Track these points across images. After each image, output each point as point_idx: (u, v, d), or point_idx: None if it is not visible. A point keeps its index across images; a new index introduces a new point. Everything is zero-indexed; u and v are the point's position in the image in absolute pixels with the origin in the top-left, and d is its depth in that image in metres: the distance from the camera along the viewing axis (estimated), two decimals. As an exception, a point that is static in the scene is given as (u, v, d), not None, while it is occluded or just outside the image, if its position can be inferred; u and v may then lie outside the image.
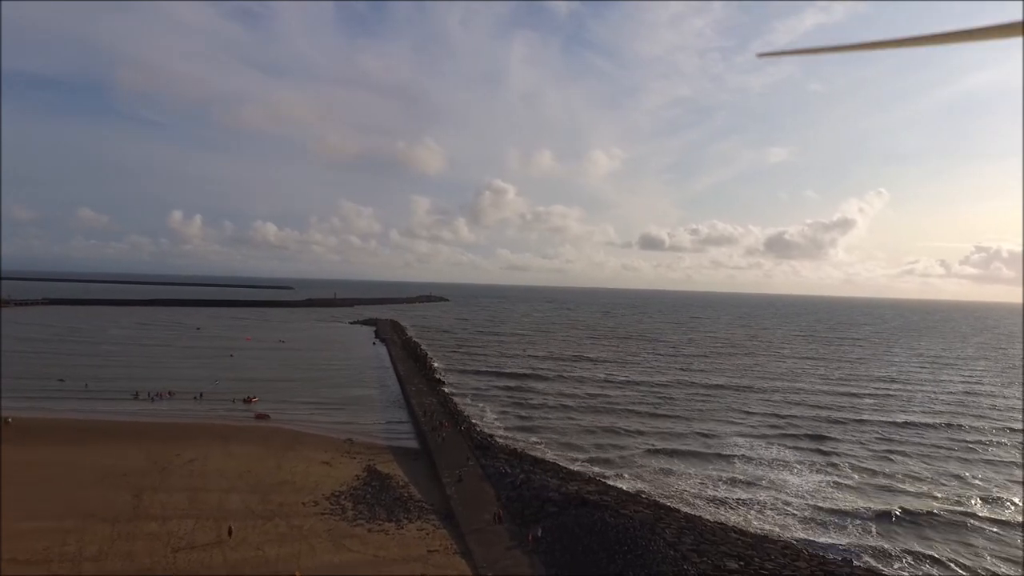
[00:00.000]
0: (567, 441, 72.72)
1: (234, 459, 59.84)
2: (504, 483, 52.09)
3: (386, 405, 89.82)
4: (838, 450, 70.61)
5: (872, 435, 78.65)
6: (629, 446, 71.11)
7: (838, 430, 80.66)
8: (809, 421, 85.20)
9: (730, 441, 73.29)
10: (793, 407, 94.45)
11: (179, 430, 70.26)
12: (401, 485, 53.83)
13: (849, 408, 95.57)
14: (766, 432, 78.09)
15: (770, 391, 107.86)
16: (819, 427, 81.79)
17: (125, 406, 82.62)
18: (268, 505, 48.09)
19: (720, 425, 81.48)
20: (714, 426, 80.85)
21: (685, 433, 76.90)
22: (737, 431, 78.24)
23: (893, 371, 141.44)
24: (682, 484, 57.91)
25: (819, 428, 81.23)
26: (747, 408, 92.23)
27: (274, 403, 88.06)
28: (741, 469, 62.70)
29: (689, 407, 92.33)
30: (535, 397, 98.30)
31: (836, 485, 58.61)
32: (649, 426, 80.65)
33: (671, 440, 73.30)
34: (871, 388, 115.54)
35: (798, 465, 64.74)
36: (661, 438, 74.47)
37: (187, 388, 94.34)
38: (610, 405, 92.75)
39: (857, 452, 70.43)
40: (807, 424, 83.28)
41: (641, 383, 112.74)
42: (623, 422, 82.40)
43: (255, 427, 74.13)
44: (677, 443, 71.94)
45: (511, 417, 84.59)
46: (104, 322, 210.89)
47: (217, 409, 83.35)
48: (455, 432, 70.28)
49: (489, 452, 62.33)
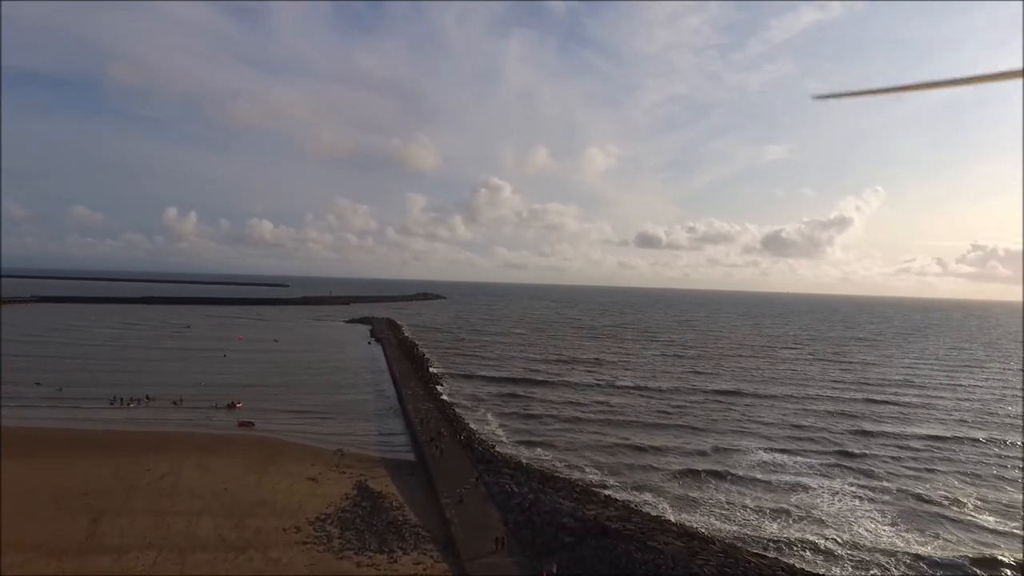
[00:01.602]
0: (575, 453, 66.89)
1: (210, 474, 54.06)
2: (511, 505, 46.44)
3: (380, 411, 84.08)
4: (870, 469, 63.90)
5: (901, 450, 72.21)
6: (643, 461, 64.91)
7: (863, 443, 74.40)
8: (831, 433, 78.86)
9: (753, 458, 66.64)
10: (811, 416, 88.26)
11: (153, 440, 64.41)
12: (395, 506, 48.13)
13: (870, 417, 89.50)
14: (788, 447, 71.60)
15: (783, 398, 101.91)
16: (843, 441, 75.45)
17: (99, 413, 76.64)
18: (243, 532, 42.35)
19: (738, 438, 75.25)
20: (732, 439, 74.50)
21: (704, 448, 70.18)
22: (758, 445, 71.68)
23: (907, 374, 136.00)
24: (708, 508, 51.95)
25: (843, 442, 74.79)
26: (763, 418, 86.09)
27: (260, 408, 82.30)
28: (771, 491, 56.31)
29: (702, 416, 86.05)
30: (538, 403, 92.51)
31: (877, 514, 51.54)
32: (662, 438, 74.52)
33: (691, 458, 66.35)
34: (888, 394, 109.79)
35: (831, 488, 57.82)
36: (678, 453, 68.22)
37: (169, 392, 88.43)
38: (618, 413, 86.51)
39: (891, 471, 63.73)
40: (830, 437, 77.03)
41: (648, 388, 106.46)
42: (633, 433, 76.27)
43: (237, 436, 68.32)
44: (698, 461, 65.05)
45: (513, 425, 78.86)
46: (91, 321, 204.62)
47: (198, 416, 77.50)
48: (454, 442, 64.66)
49: (492, 466, 56.67)
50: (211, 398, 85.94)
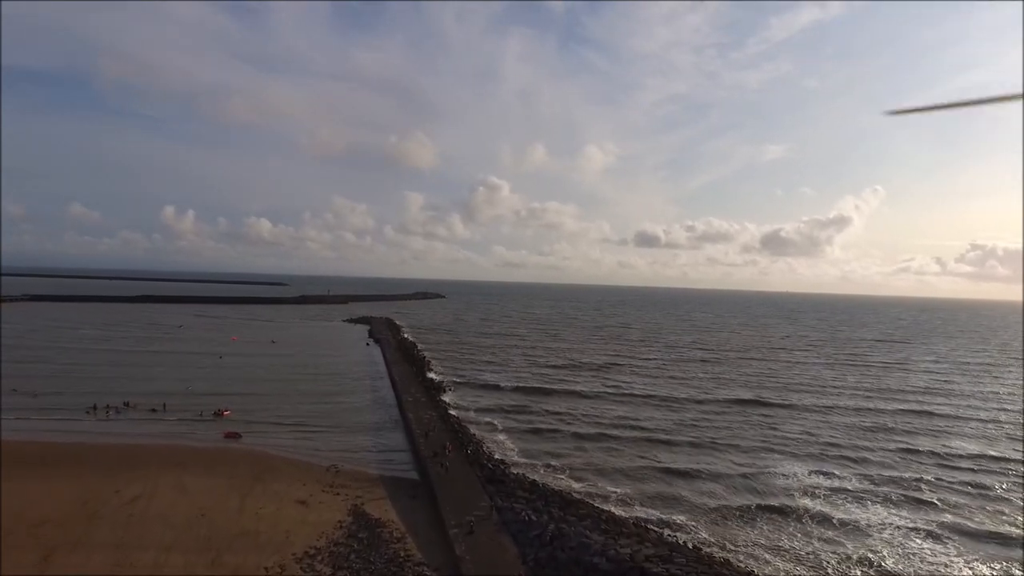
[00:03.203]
0: (594, 471, 60.49)
1: (187, 497, 48.00)
2: (529, 537, 40.42)
3: (379, 421, 77.94)
4: (927, 498, 56.22)
5: (950, 471, 64.74)
6: (670, 482, 58.42)
7: (907, 464, 66.78)
8: (869, 451, 71.13)
9: (790, 482, 59.30)
10: (841, 431, 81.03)
11: (128, 455, 58.27)
12: (396, 537, 42.10)
13: (904, 431, 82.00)
14: (826, 468, 64.21)
15: (806, 408, 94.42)
16: (884, 459, 68.03)
17: (72, 423, 70.42)
18: (219, 572, 36.35)
19: (767, 456, 67.73)
20: (761, 458, 67.10)
21: (734, 469, 63.02)
22: (792, 466, 64.03)
23: (929, 380, 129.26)
24: (755, 543, 45.57)
25: (885, 460, 67.44)
26: (789, 432, 79.02)
27: (250, 417, 76.31)
28: (823, 525, 49.13)
29: (725, 430, 78.94)
30: (547, 414, 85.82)
31: (957, 558, 44.58)
32: (687, 456, 67.77)
33: (723, 481, 59.25)
34: (916, 402, 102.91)
35: (888, 521, 50.99)
36: (708, 475, 61.18)
37: (153, 399, 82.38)
38: (635, 427, 79.49)
39: (952, 500, 55.86)
40: (870, 456, 69.13)
41: (662, 397, 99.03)
42: (654, 450, 69.75)
43: (221, 450, 62.17)
44: (731, 485, 58.30)
45: (523, 438, 72.38)
46: (81, 320, 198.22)
47: (181, 426, 71.47)
48: (460, 457, 58.65)
49: (504, 487, 50.67)
50: (197, 405, 79.95)
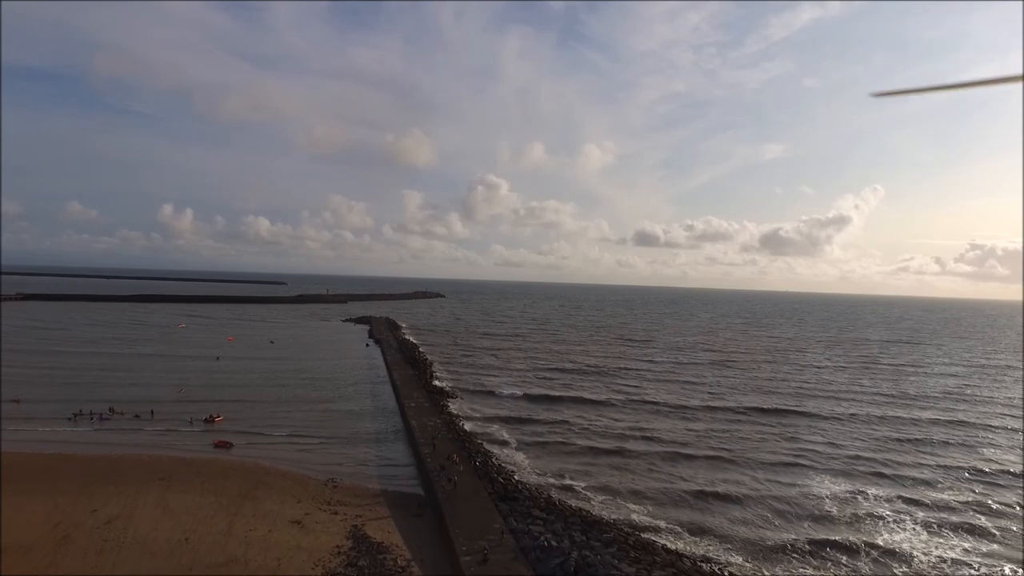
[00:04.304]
0: (610, 486, 55.81)
1: (170, 518, 43.67)
2: (550, 566, 36.13)
3: (380, 428, 73.62)
4: (984, 524, 50.72)
5: (994, 488, 59.75)
6: (698, 502, 53.87)
7: (948, 483, 60.63)
8: (903, 466, 65.67)
9: (825, 503, 53.92)
10: (869, 443, 75.13)
11: (108, 468, 53.94)
12: (400, 565, 37.80)
13: (935, 444, 75.94)
14: (861, 486, 58.73)
15: (823, 417, 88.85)
16: (923, 476, 62.22)
17: (53, 433, 65.78)
18: (200, 610, 32.11)
19: (794, 473, 61.77)
20: (788, 473, 61.81)
21: (762, 486, 57.94)
22: (826, 488, 57.47)
23: (948, 385, 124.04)
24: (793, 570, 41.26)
25: (925, 478, 61.62)
26: (811, 444, 73.43)
27: (243, 423, 72.11)
28: (862, 552, 44.38)
29: (745, 442, 73.34)
30: (555, 422, 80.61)
31: None
32: (710, 470, 62.28)
33: (754, 501, 54.37)
34: (939, 409, 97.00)
35: (930, 545, 46.20)
36: (737, 491, 56.23)
37: (141, 404, 78.11)
38: (651, 438, 74.18)
39: (1007, 529, 50.32)
40: (908, 473, 63.56)
41: (671, 404, 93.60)
42: (673, 463, 64.45)
43: (210, 461, 57.82)
44: (762, 503, 53.65)
45: (531, 448, 67.66)
46: (74, 320, 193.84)
47: (168, 433, 67.19)
48: (468, 469, 54.38)
49: (518, 505, 46.39)
50: (188, 411, 75.64)
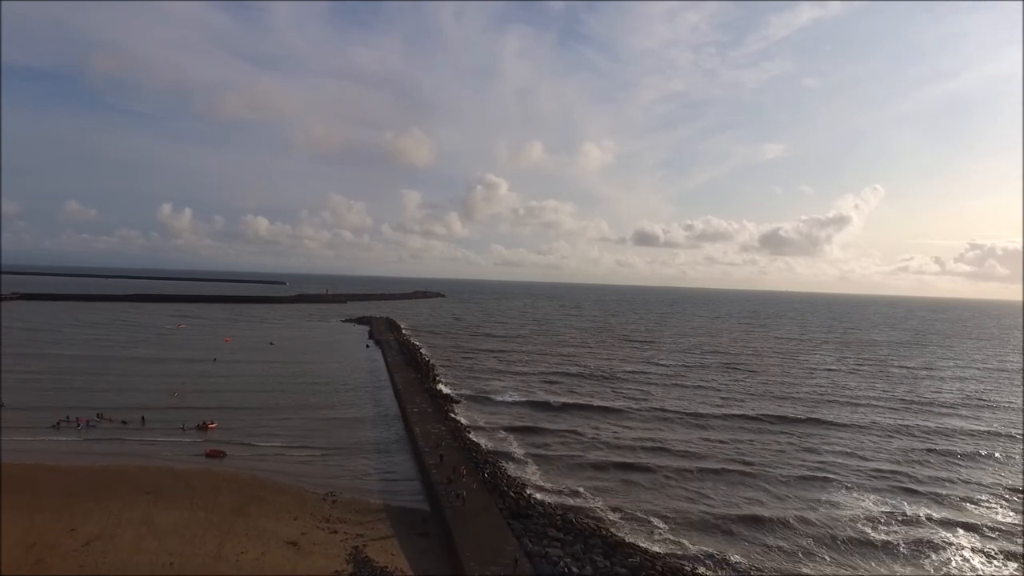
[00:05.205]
0: (627, 501, 52.15)
1: (155, 537, 40.30)
2: (571, 597, 32.84)
3: (381, 436, 70.17)
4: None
5: None
6: (717, 519, 50.10)
7: (997, 504, 55.79)
8: (932, 482, 60.89)
9: (859, 526, 49.79)
10: (889, 454, 70.69)
11: (92, 481, 50.55)
12: (406, 595, 34.55)
13: (968, 456, 71.39)
14: (892, 504, 54.14)
15: (841, 425, 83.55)
16: (960, 493, 57.53)
17: (36, 443, 61.96)
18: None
19: (820, 488, 57.55)
20: (813, 490, 57.24)
21: (782, 504, 54.19)
22: (858, 508, 53.04)
23: (968, 389, 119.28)
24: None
25: (966, 496, 56.96)
26: (833, 456, 68.50)
27: (238, 431, 68.74)
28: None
29: (759, 452, 68.95)
30: (563, 432, 75.83)
31: None
32: (724, 484, 58.28)
33: (779, 525, 49.97)
34: (961, 417, 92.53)
35: None
36: (761, 517, 51.49)
37: (132, 409, 74.74)
38: (660, 446, 70.01)
39: None
40: (932, 485, 59.29)
41: (681, 411, 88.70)
42: (686, 474, 60.48)
43: (201, 473, 54.39)
44: (790, 531, 49.08)
45: (540, 458, 63.70)
46: (69, 321, 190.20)
47: (159, 441, 63.76)
48: (475, 481, 51.02)
49: (532, 523, 43.00)
50: (180, 417, 72.26)
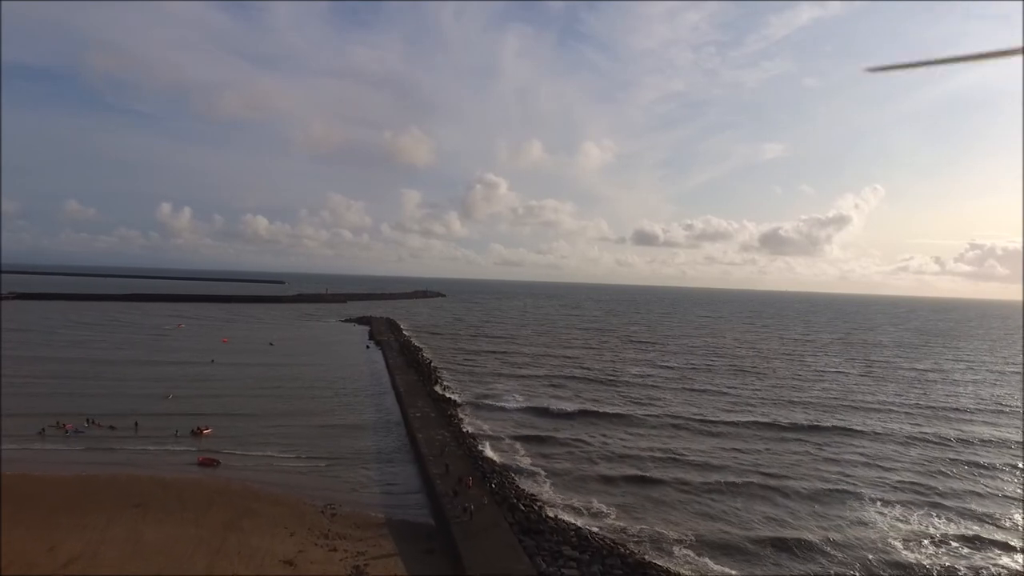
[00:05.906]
0: (644, 518, 49.06)
1: (141, 556, 37.57)
2: (591, 626, 30.15)
3: (383, 443, 67.32)
4: None
5: None
6: (740, 541, 46.42)
7: None
8: (965, 496, 57.16)
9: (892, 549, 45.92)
10: (912, 465, 66.42)
11: (78, 492, 47.82)
12: (411, 622, 31.84)
13: (997, 469, 66.73)
14: (921, 522, 50.76)
15: (857, 433, 79.33)
16: (995, 511, 54.03)
17: (20, 451, 58.83)
18: None
19: (843, 503, 53.83)
20: (837, 505, 53.52)
21: (805, 518, 51.20)
22: (888, 527, 49.26)
23: (982, 393, 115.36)
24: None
25: (1002, 514, 53.47)
26: (853, 467, 64.30)
27: (233, 437, 65.96)
28: None
29: (776, 462, 65.26)
30: (571, 441, 72.00)
31: None
32: (743, 499, 54.26)
33: (803, 547, 46.35)
34: (981, 424, 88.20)
35: None
36: (789, 541, 47.49)
37: (123, 414, 72.12)
38: (673, 455, 66.53)
39: None
40: (965, 501, 55.47)
41: (692, 418, 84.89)
42: (702, 486, 56.72)
43: (193, 483, 51.63)
44: (815, 552, 45.95)
45: (548, 467, 60.47)
46: (63, 321, 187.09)
47: (150, 449, 60.99)
48: (482, 492, 48.31)
49: (545, 540, 40.28)
50: (175, 423, 69.45)
